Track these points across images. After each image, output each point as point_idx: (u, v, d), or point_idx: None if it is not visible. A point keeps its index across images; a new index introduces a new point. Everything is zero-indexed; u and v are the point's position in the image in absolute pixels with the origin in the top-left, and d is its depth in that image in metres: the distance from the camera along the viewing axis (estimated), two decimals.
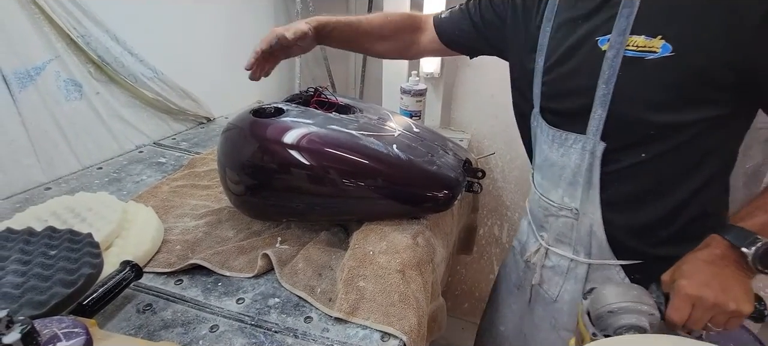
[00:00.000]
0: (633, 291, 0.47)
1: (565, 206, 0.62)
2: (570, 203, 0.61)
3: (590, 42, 0.54)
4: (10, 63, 0.74)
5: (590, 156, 0.56)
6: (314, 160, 0.63)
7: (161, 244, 0.66)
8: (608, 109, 0.53)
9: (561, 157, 0.60)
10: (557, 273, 0.67)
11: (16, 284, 0.39)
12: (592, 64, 0.53)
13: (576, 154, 0.58)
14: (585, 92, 0.54)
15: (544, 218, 0.67)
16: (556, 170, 0.62)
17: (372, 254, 0.61)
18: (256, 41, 0.80)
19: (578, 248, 0.63)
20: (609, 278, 0.61)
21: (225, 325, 0.54)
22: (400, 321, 0.53)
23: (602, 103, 0.53)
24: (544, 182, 0.66)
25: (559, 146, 0.60)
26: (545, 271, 0.69)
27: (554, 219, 0.65)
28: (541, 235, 0.69)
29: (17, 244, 0.46)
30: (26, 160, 0.79)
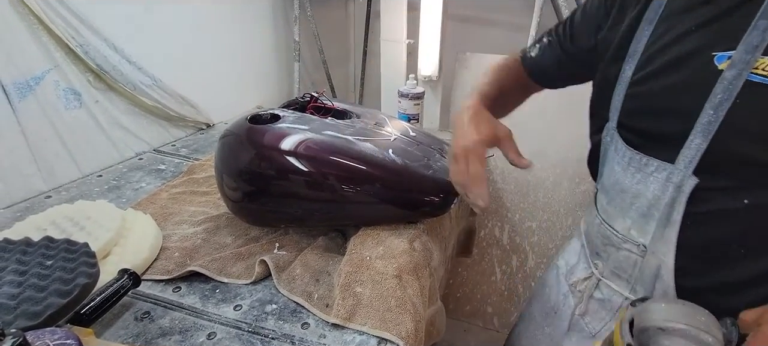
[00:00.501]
0: (700, 316, 0.41)
1: (630, 239, 0.54)
2: (637, 237, 0.53)
3: (703, 57, 0.44)
4: (9, 74, 0.75)
5: (675, 190, 0.47)
6: (310, 165, 0.64)
7: (160, 251, 0.66)
8: (710, 141, 0.43)
9: (636, 184, 0.51)
10: (605, 308, 0.59)
11: (12, 295, 0.39)
12: (701, 84, 0.44)
13: (657, 185, 0.49)
14: (684, 115, 0.45)
15: (602, 246, 0.59)
16: (627, 198, 0.53)
17: (369, 259, 0.61)
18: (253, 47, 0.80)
19: (637, 288, 0.54)
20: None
21: (222, 332, 0.54)
22: (397, 326, 0.53)
23: (705, 131, 0.43)
24: (610, 208, 0.57)
25: (635, 172, 0.51)
26: (592, 302, 0.61)
27: (614, 250, 0.56)
28: (595, 262, 0.61)
29: (14, 255, 0.46)
30: (27, 170, 0.79)
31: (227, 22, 1.24)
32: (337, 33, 1.84)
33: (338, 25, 1.85)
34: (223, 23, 1.22)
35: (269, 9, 1.40)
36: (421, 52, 1.21)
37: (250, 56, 1.37)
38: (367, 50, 1.80)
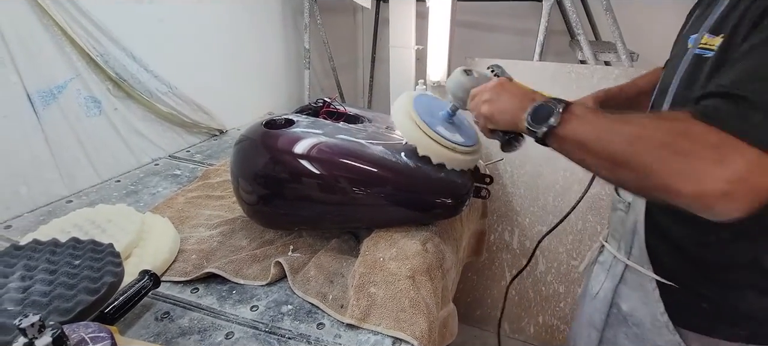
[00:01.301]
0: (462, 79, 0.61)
1: (623, 199, 0.60)
2: (627, 196, 0.59)
3: (683, 41, 0.53)
4: (34, 82, 0.78)
5: None
6: (324, 169, 0.65)
7: (177, 253, 0.67)
8: (670, 105, 0.51)
9: None
10: (603, 269, 0.64)
11: (43, 292, 0.41)
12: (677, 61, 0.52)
13: None
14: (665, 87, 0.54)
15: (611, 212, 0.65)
16: None
17: (382, 261, 0.62)
18: (265, 55, 0.82)
19: (622, 245, 0.60)
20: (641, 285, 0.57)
21: (240, 332, 0.55)
22: (411, 327, 0.53)
23: (670, 96, 0.52)
24: None
25: None
26: (597, 266, 0.67)
27: (613, 213, 0.63)
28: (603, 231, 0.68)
29: (44, 254, 0.48)
30: (49, 175, 0.82)
31: (239, 32, 1.27)
32: (346, 41, 1.87)
33: (347, 33, 1.88)
34: (235, 32, 1.25)
35: (280, 18, 1.43)
36: (430, 58, 1.22)
37: (262, 64, 1.40)
38: (375, 57, 1.83)
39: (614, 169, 0.40)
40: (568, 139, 0.43)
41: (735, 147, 0.34)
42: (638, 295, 0.57)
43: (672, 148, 0.36)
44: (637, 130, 0.38)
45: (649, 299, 0.56)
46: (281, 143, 0.67)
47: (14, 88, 0.75)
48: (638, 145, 0.37)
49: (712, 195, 0.33)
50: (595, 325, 0.64)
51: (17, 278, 0.42)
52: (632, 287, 0.58)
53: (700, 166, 0.34)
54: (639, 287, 0.57)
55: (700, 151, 0.34)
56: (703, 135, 0.35)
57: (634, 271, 0.58)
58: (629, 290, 0.59)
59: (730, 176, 0.33)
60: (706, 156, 0.34)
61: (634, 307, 0.58)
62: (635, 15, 1.38)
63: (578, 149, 0.43)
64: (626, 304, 0.59)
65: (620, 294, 0.60)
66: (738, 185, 0.33)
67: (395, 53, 1.28)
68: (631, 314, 0.58)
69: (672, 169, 0.35)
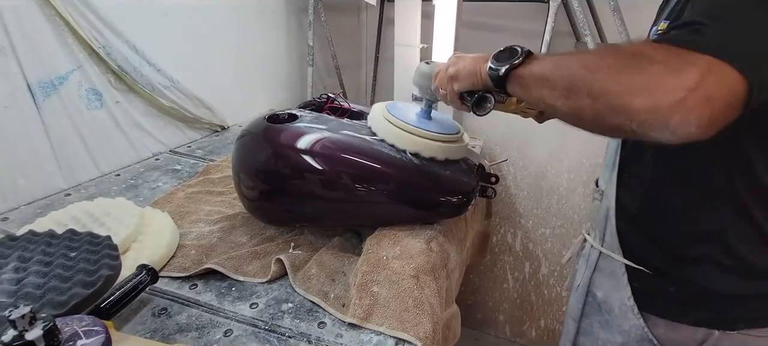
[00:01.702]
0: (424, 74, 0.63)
1: (599, 189, 0.61)
2: (602, 185, 0.60)
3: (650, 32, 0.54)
4: (35, 73, 0.77)
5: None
6: (327, 165, 0.64)
7: (176, 249, 0.66)
8: None
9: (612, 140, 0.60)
10: (585, 262, 0.64)
11: (37, 284, 0.39)
12: None
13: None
14: None
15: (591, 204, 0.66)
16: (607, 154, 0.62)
17: (385, 259, 0.60)
18: (268, 52, 0.81)
19: (596, 233, 0.61)
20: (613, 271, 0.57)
21: (239, 329, 0.54)
22: (414, 327, 0.52)
23: None
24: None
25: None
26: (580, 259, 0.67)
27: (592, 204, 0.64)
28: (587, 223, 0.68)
29: (39, 246, 0.47)
30: (48, 167, 0.81)
31: (243, 28, 1.26)
32: (350, 39, 1.86)
33: (351, 31, 1.87)
34: (239, 28, 1.24)
35: (284, 15, 1.43)
36: (435, 58, 1.21)
37: (265, 61, 1.39)
38: (378, 57, 1.82)
39: (571, 97, 0.39)
40: (528, 75, 0.44)
41: (687, 57, 0.33)
42: (610, 282, 0.58)
43: (625, 66, 0.35)
44: (593, 56, 0.39)
45: (619, 285, 0.56)
46: (284, 138, 0.66)
47: (15, 78, 0.74)
48: (593, 68, 0.37)
49: (667, 106, 0.32)
50: (573, 315, 0.65)
51: (11, 269, 0.41)
52: (605, 275, 0.59)
53: (653, 79, 0.33)
54: (611, 273, 0.58)
55: (652, 66, 0.34)
56: (656, 52, 0.34)
57: (607, 258, 0.58)
58: (603, 277, 0.59)
59: (682, 84, 0.32)
60: (658, 69, 0.33)
61: (606, 294, 0.58)
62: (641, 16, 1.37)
63: (537, 84, 0.43)
64: (600, 291, 0.60)
65: (595, 282, 0.61)
66: (692, 94, 0.32)
67: (400, 52, 1.27)
68: (604, 301, 0.59)
69: (625, 86, 0.34)
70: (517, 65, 0.45)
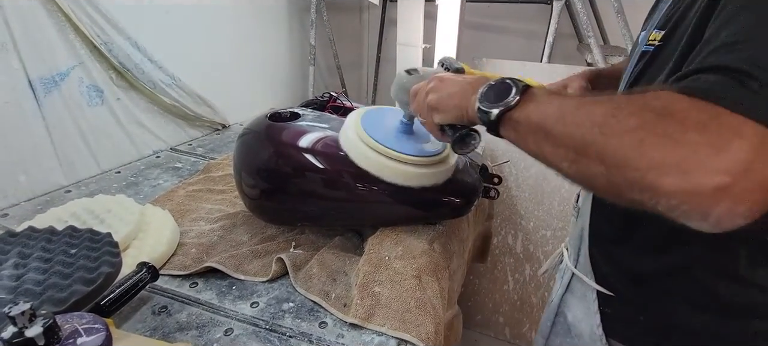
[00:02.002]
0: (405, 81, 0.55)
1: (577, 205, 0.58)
2: (581, 202, 0.57)
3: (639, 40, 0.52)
4: (36, 69, 0.76)
5: None
6: (328, 164, 0.63)
7: (177, 247, 0.66)
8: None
9: None
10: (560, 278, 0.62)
11: (37, 281, 0.39)
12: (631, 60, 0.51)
13: None
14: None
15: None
16: None
17: (387, 259, 0.60)
18: (270, 51, 0.81)
19: (572, 252, 0.57)
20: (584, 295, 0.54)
21: (239, 328, 0.53)
22: (417, 328, 0.52)
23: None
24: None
25: None
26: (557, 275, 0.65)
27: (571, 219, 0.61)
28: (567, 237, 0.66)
29: (39, 242, 0.46)
30: (48, 163, 0.80)
31: (245, 26, 1.26)
32: (352, 39, 1.86)
33: (353, 31, 1.87)
34: (241, 26, 1.24)
35: (286, 14, 1.42)
36: (438, 58, 1.21)
37: (266, 59, 1.38)
38: (380, 57, 1.81)
39: (579, 161, 0.31)
40: (524, 123, 0.35)
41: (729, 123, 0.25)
42: (581, 306, 0.54)
43: (652, 131, 0.27)
44: (608, 110, 0.30)
45: (590, 311, 0.52)
46: (286, 136, 0.66)
47: (16, 74, 0.74)
48: (608, 129, 0.29)
49: (706, 192, 0.25)
50: (543, 332, 0.62)
51: (10, 265, 0.41)
52: (577, 297, 0.55)
53: (688, 153, 0.25)
54: (582, 297, 0.54)
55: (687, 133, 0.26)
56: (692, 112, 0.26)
57: (580, 280, 0.54)
58: (574, 299, 0.56)
59: (729, 165, 0.24)
60: (695, 139, 0.25)
61: (576, 317, 0.55)
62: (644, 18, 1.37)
63: (536, 135, 0.34)
64: (571, 313, 0.56)
65: (567, 302, 0.57)
66: (740, 177, 0.24)
67: (402, 52, 1.27)
68: (573, 324, 0.56)
69: (650, 158, 0.26)
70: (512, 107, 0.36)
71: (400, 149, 0.56)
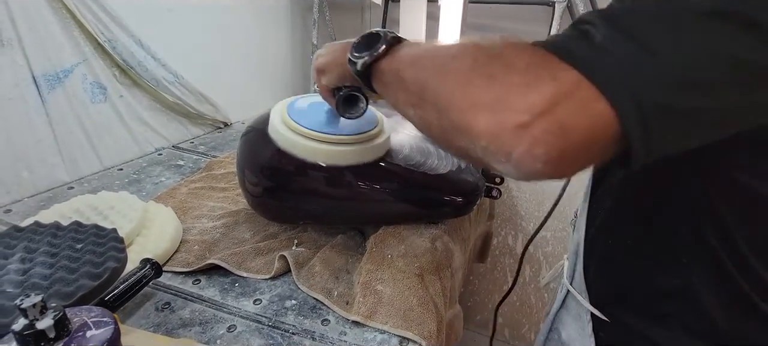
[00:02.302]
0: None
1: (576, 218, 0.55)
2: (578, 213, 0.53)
3: None
4: (41, 66, 0.77)
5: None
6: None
7: (180, 244, 0.66)
8: None
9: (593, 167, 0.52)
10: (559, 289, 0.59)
11: (44, 275, 0.39)
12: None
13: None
14: None
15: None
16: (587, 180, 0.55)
17: (390, 258, 0.60)
18: (272, 50, 0.81)
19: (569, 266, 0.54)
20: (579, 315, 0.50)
21: (242, 325, 0.54)
22: (419, 326, 0.52)
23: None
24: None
25: None
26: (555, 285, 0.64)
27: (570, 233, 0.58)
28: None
29: (45, 237, 0.47)
30: (52, 160, 0.81)
31: (248, 25, 1.26)
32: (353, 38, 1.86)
33: (354, 31, 1.86)
34: (244, 25, 1.24)
35: (289, 13, 1.43)
36: None
37: (269, 58, 1.39)
38: None
39: (420, 105, 0.30)
40: (387, 71, 0.33)
41: (551, 67, 0.24)
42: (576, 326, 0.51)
43: (479, 72, 0.26)
44: (454, 51, 0.29)
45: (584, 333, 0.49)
46: None
47: (21, 70, 0.74)
48: (445, 70, 0.28)
49: (508, 130, 0.24)
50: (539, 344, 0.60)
51: (17, 260, 0.41)
52: (572, 316, 0.52)
53: (501, 92, 0.24)
54: (577, 316, 0.51)
55: (508, 74, 0.25)
56: (520, 54, 0.26)
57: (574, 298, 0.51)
58: (569, 317, 0.53)
59: (531, 104, 0.23)
60: (512, 79, 0.25)
61: (570, 336, 0.52)
62: None
63: (395, 84, 0.32)
64: (565, 332, 0.53)
65: (561, 319, 0.54)
66: (539, 116, 0.23)
67: None
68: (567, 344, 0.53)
69: (471, 97, 0.25)
70: (378, 56, 0.34)
71: (325, 131, 0.56)
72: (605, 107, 0.23)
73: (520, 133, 0.24)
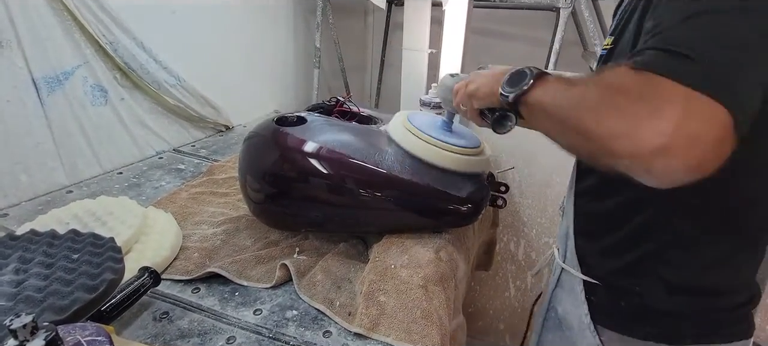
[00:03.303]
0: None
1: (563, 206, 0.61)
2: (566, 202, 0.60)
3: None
4: (40, 68, 0.76)
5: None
6: (333, 169, 0.63)
7: (179, 251, 0.65)
8: None
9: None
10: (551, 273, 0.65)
11: (38, 287, 0.38)
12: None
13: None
14: None
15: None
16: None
17: (393, 268, 0.59)
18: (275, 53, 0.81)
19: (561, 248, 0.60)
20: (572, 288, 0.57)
21: (242, 336, 0.52)
22: (423, 339, 0.51)
23: None
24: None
25: None
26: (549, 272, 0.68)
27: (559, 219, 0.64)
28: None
29: (41, 246, 0.45)
30: (50, 163, 0.80)
31: (250, 28, 1.25)
32: (356, 42, 1.86)
33: (357, 35, 1.86)
34: (247, 28, 1.24)
35: (292, 16, 1.42)
36: (443, 62, 1.20)
37: (271, 61, 1.38)
38: (384, 61, 1.81)
39: (565, 133, 0.38)
40: (532, 104, 0.42)
41: (668, 92, 0.30)
42: (570, 298, 0.57)
43: (607, 105, 0.33)
44: (579, 90, 0.36)
45: (578, 301, 0.55)
46: (291, 141, 0.65)
47: (20, 72, 0.73)
48: (579, 106, 0.35)
49: (648, 153, 0.29)
50: (536, 329, 0.65)
51: (11, 270, 0.40)
52: (566, 290, 0.58)
53: (633, 122, 0.30)
54: (571, 289, 0.57)
55: (632, 104, 0.31)
56: (636, 85, 0.32)
57: (568, 273, 0.58)
58: (564, 293, 0.59)
59: (665, 127, 0.29)
60: (638, 109, 0.30)
61: (566, 310, 0.58)
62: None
63: (541, 116, 0.41)
64: (561, 307, 0.59)
65: (557, 297, 0.60)
66: (675, 137, 0.29)
67: (408, 56, 1.26)
68: (564, 318, 0.58)
69: (608, 129, 0.32)
70: (525, 92, 0.42)
71: (448, 140, 0.66)
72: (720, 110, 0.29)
73: (660, 154, 0.29)
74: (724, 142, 0.29)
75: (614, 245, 0.51)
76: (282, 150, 0.65)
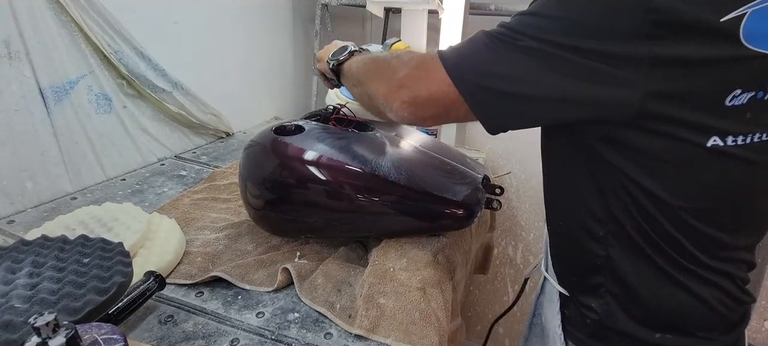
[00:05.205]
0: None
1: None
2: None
3: None
4: (49, 77, 0.77)
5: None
6: (332, 176, 0.64)
7: (183, 255, 0.66)
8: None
9: None
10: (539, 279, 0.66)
11: (52, 290, 0.40)
12: None
13: None
14: None
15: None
16: None
17: (392, 271, 0.61)
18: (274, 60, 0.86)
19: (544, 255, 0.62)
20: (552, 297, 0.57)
21: (245, 338, 0.54)
22: (421, 340, 0.52)
23: None
24: None
25: None
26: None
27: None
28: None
29: (52, 251, 0.47)
30: (56, 171, 0.81)
31: (250, 35, 1.27)
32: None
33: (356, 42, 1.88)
34: (246, 36, 1.26)
35: (290, 24, 1.44)
36: None
37: (271, 69, 1.40)
38: None
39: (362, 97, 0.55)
40: (345, 70, 0.58)
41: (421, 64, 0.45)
42: (550, 307, 0.57)
43: (389, 65, 0.49)
44: (372, 61, 0.54)
45: (554, 312, 0.56)
46: (290, 150, 0.67)
47: (27, 82, 0.75)
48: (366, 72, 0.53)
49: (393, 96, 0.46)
50: (524, 334, 0.66)
51: (25, 274, 0.41)
52: (548, 299, 0.59)
53: (395, 76, 0.46)
54: (551, 299, 0.57)
55: (401, 67, 0.46)
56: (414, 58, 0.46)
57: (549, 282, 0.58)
58: (546, 301, 0.59)
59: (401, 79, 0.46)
60: (401, 69, 0.46)
61: (546, 318, 0.58)
62: None
63: (348, 78, 0.58)
64: (543, 315, 0.60)
65: (541, 304, 0.61)
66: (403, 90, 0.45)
67: None
68: (545, 326, 0.59)
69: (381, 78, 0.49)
70: (341, 61, 0.59)
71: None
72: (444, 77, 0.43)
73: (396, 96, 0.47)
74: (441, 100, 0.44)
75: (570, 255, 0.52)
76: (280, 158, 0.66)
